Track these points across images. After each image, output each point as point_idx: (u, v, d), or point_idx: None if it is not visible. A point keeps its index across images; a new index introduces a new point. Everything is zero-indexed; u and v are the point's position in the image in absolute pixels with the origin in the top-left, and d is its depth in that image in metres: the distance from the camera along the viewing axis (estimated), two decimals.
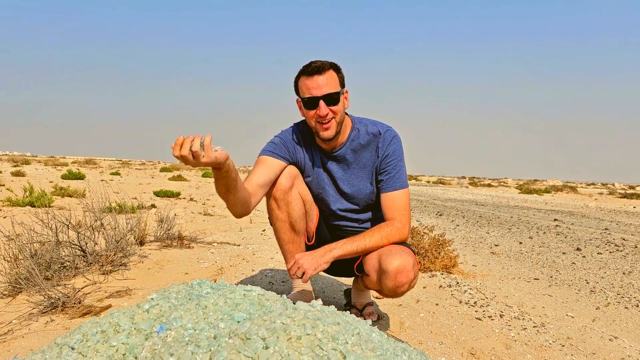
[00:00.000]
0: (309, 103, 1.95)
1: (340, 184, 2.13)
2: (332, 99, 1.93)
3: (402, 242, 2.10)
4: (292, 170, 2.10)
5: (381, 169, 2.09)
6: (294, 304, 1.30)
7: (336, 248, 1.90)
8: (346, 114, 2.11)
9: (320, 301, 1.35)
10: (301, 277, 1.84)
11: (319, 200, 2.21)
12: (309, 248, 2.22)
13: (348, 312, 1.38)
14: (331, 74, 1.95)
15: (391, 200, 2.06)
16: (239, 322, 1.20)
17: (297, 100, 2.05)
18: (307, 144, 2.15)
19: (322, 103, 1.92)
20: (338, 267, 2.28)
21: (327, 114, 1.93)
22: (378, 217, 2.22)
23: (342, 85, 2.00)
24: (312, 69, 1.92)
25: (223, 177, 1.69)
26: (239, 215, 1.94)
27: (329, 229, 2.27)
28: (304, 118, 2.10)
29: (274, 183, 2.06)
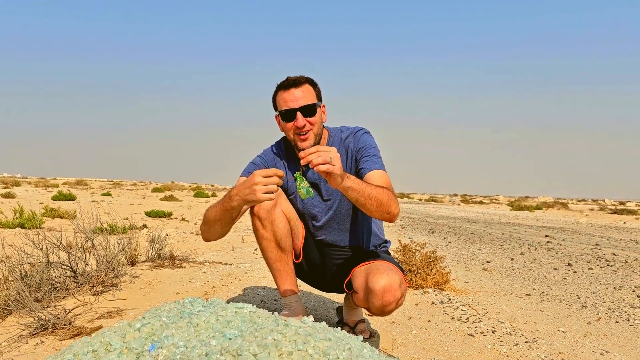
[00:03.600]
0: (287, 115, 1.99)
1: (324, 192, 2.15)
2: (309, 110, 1.98)
3: (387, 257, 2.12)
4: None
5: (357, 159, 2.07)
6: (286, 320, 1.31)
7: (351, 178, 1.71)
8: (324, 126, 2.15)
9: (311, 317, 1.36)
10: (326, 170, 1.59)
11: (304, 216, 2.22)
12: (296, 266, 2.23)
13: (340, 329, 1.39)
14: (307, 87, 2.00)
15: (374, 176, 1.95)
16: (230, 339, 1.20)
17: (275, 116, 2.09)
18: (288, 161, 2.18)
19: (299, 114, 1.96)
20: (328, 282, 2.29)
21: (304, 125, 1.97)
22: (365, 229, 2.24)
23: (319, 99, 2.06)
24: (289, 83, 1.99)
25: (236, 212, 1.84)
26: (209, 240, 2.05)
27: (316, 245, 2.28)
28: (283, 134, 2.15)
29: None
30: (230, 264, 4.38)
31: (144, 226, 6.97)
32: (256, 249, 5.44)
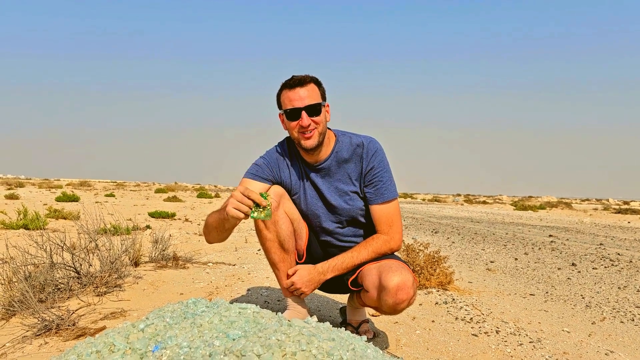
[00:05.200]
0: (291, 114, 1.99)
1: (327, 196, 2.14)
2: (313, 109, 1.98)
3: (395, 256, 2.12)
4: (277, 189, 2.11)
5: (367, 182, 2.12)
6: (289, 321, 1.30)
7: (329, 271, 2.06)
8: (329, 128, 2.14)
9: (315, 318, 1.35)
10: (299, 295, 2.04)
11: (308, 217, 2.22)
12: None
13: (343, 329, 1.39)
14: (312, 86, 2.01)
15: (379, 213, 2.12)
16: (234, 339, 1.20)
17: (279, 115, 2.09)
18: (292, 162, 2.17)
19: (304, 114, 1.97)
20: (332, 283, 2.28)
21: (309, 125, 1.97)
22: (369, 231, 2.24)
23: (324, 98, 2.06)
24: (294, 82, 1.99)
25: (229, 224, 1.92)
26: (211, 243, 2.13)
27: (319, 245, 2.28)
28: (287, 135, 2.15)
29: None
30: (234, 265, 4.38)
31: (148, 227, 6.98)
32: (259, 250, 5.44)
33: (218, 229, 1.96)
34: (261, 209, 1.72)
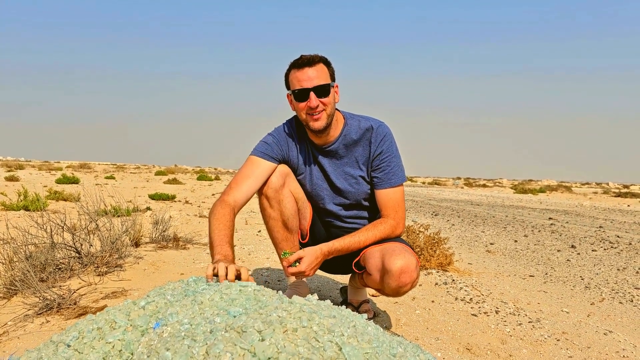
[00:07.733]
0: (300, 95, 1.95)
1: (333, 179, 2.13)
2: (322, 90, 1.94)
3: (398, 238, 2.11)
4: (283, 168, 2.10)
5: (375, 166, 2.09)
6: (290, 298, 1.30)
7: (333, 252, 1.96)
8: (338, 109, 2.11)
9: (316, 295, 1.35)
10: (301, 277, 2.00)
11: (312, 197, 2.21)
12: (303, 246, 2.22)
13: (344, 307, 1.39)
14: (321, 66, 1.96)
15: (385, 197, 2.09)
16: (235, 316, 1.20)
17: (287, 95, 2.05)
18: (299, 141, 2.15)
19: (312, 94, 1.92)
20: (335, 264, 2.28)
21: (317, 106, 1.93)
22: (372, 213, 2.23)
23: (333, 79, 2.02)
24: (302, 62, 1.94)
25: None
26: None
27: (323, 225, 2.27)
28: (295, 114, 2.11)
29: (265, 182, 2.07)
30: (234, 246, 4.39)
31: (148, 209, 6.99)
32: (260, 231, 5.45)
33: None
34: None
